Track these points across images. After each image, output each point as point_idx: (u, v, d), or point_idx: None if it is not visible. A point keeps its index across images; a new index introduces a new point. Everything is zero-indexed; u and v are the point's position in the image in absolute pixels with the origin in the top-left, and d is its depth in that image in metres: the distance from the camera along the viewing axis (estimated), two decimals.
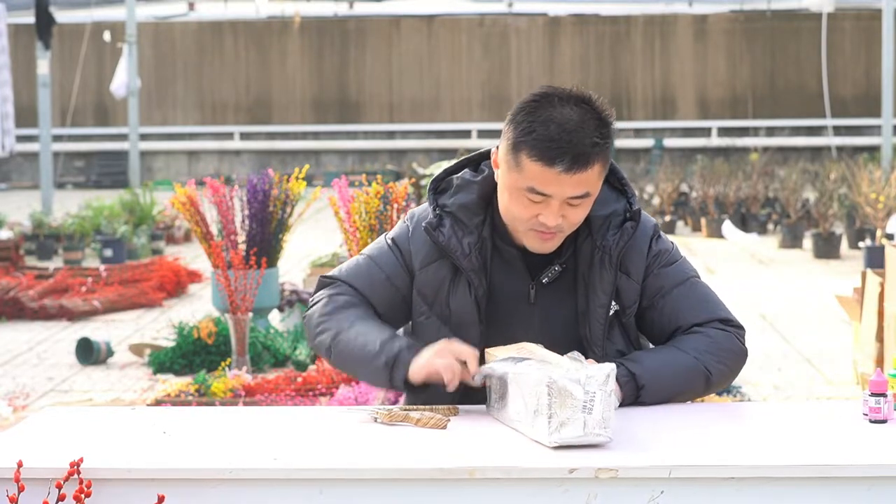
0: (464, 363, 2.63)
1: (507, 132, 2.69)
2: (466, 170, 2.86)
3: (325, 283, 2.90)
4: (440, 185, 2.85)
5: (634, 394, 2.68)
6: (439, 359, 2.63)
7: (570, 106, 2.64)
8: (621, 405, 2.65)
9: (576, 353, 2.47)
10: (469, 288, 2.77)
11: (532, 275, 2.80)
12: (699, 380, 2.73)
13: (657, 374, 2.70)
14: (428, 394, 2.73)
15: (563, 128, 2.61)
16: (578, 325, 2.79)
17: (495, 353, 2.63)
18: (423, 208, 2.88)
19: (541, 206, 2.67)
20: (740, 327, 2.84)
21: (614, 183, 2.83)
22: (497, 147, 2.77)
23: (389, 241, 2.87)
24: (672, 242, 2.91)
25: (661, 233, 2.89)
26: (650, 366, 2.71)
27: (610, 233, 2.77)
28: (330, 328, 2.79)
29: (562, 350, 2.58)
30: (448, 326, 2.79)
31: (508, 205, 2.72)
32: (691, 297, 2.82)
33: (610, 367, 2.39)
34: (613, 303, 2.78)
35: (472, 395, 2.72)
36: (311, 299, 2.90)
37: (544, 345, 2.66)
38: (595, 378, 2.36)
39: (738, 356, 2.81)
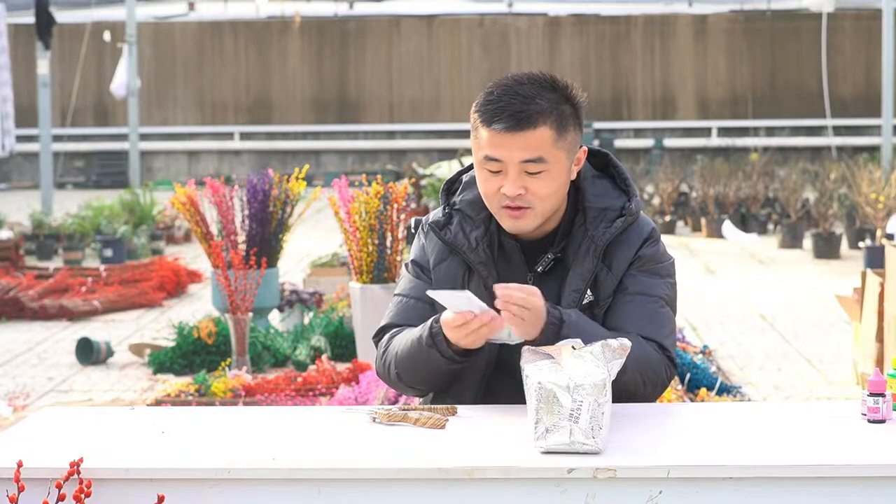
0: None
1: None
2: (475, 168, 2.93)
3: (376, 339, 2.97)
4: (452, 186, 2.96)
5: (552, 338, 2.66)
6: (455, 310, 2.67)
7: (522, 79, 2.77)
8: (535, 342, 2.64)
9: (577, 341, 2.47)
10: (480, 280, 2.83)
11: (530, 266, 2.86)
12: None
13: (580, 333, 2.66)
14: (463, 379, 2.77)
15: (505, 91, 2.75)
16: None
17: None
18: (432, 215, 2.97)
19: (500, 176, 2.76)
20: (674, 365, 2.83)
21: (619, 183, 2.89)
22: None
23: (409, 266, 2.96)
24: (671, 262, 2.90)
25: (662, 243, 2.89)
26: (581, 324, 2.71)
27: (602, 225, 2.82)
28: (389, 360, 2.86)
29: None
30: None
31: (479, 184, 2.82)
32: (647, 313, 2.81)
33: (604, 376, 2.38)
34: (589, 293, 2.81)
35: (494, 392, 2.79)
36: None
37: None
38: (584, 387, 2.34)
39: (657, 381, 2.79)
